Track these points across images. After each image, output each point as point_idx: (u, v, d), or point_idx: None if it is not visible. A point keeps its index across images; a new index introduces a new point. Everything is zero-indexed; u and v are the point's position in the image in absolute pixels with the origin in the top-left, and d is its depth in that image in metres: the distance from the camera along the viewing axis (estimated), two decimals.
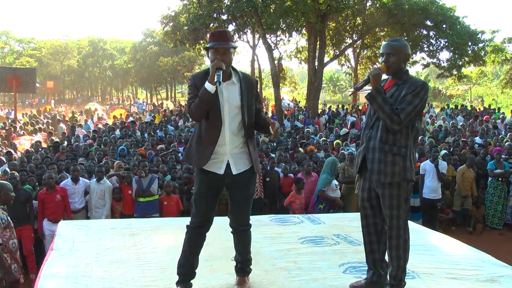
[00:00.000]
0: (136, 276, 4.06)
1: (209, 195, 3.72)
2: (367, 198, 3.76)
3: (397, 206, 3.56)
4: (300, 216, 6.49)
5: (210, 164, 3.65)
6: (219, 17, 23.31)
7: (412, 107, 3.46)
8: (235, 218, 3.82)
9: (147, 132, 15.49)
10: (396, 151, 3.54)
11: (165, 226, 5.75)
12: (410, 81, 3.58)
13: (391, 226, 3.59)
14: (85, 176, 8.80)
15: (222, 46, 3.59)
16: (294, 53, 30.80)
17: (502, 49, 25.52)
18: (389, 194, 3.57)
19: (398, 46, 3.64)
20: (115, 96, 78.55)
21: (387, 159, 3.55)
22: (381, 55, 3.72)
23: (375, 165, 3.60)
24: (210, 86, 3.47)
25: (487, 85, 54.98)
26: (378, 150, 3.59)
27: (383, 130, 3.57)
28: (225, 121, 3.61)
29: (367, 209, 3.78)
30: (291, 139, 13.37)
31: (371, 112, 3.71)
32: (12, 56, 68.83)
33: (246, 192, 3.77)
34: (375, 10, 23.97)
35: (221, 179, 3.68)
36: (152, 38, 55.91)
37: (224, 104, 3.61)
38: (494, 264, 4.59)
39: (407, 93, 3.51)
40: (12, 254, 4.93)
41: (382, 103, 3.47)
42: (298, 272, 4.25)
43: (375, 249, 3.78)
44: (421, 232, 5.87)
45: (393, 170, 3.54)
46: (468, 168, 10.27)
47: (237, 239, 3.87)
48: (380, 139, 3.58)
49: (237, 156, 3.68)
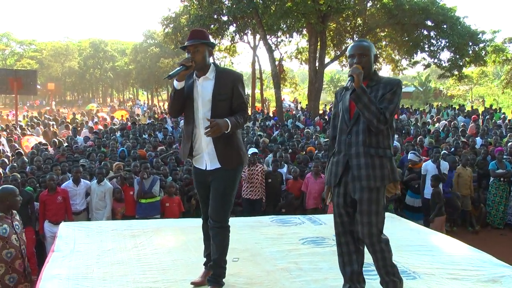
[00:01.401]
0: (137, 277, 4.07)
1: (200, 189, 3.98)
2: (343, 204, 3.60)
3: (376, 212, 3.44)
4: (301, 217, 6.50)
5: (197, 159, 3.89)
6: (220, 18, 23.31)
7: (394, 105, 3.40)
8: (210, 214, 3.82)
9: (148, 134, 15.48)
10: (382, 153, 3.46)
11: (166, 227, 5.76)
12: (384, 81, 3.52)
13: (370, 234, 3.45)
14: (87, 178, 8.81)
15: (190, 44, 3.71)
16: (295, 54, 30.77)
17: (503, 49, 25.47)
18: (367, 198, 3.43)
19: (368, 46, 3.57)
20: (116, 97, 78.59)
21: (375, 162, 3.44)
22: (351, 57, 3.57)
23: (362, 170, 3.45)
24: (176, 82, 3.68)
25: (488, 85, 54.93)
26: (363, 155, 3.45)
27: (365, 134, 3.45)
28: (198, 117, 3.74)
29: (343, 216, 3.62)
30: (293, 140, 13.27)
31: (346, 117, 3.57)
32: (13, 58, 68.86)
33: (218, 189, 3.76)
34: (375, 10, 23.93)
35: (205, 174, 3.84)
36: (153, 39, 55.86)
37: (198, 100, 3.75)
38: (495, 265, 4.59)
39: (385, 92, 3.44)
40: (8, 264, 4.91)
41: (368, 103, 3.32)
42: (299, 273, 4.26)
43: (353, 260, 3.64)
44: (422, 233, 5.88)
45: (382, 173, 3.44)
46: (464, 168, 10.24)
47: (211, 236, 3.86)
48: (364, 143, 3.45)
49: (211, 152, 3.77)
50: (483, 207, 10.49)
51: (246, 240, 5.22)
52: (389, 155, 3.48)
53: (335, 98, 3.82)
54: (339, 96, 3.74)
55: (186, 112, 3.82)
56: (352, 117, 3.53)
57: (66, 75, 69.82)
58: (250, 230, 5.63)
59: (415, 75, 56.78)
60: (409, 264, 4.51)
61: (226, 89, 3.72)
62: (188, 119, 3.82)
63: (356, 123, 3.50)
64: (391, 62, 27.75)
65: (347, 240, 3.64)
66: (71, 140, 14.35)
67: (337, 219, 3.65)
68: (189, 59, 3.69)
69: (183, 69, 3.66)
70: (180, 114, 3.93)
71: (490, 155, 11.24)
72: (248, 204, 9.22)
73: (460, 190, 10.14)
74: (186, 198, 9.06)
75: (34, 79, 25.10)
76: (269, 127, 18.25)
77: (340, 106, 3.66)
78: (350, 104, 3.54)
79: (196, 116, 3.75)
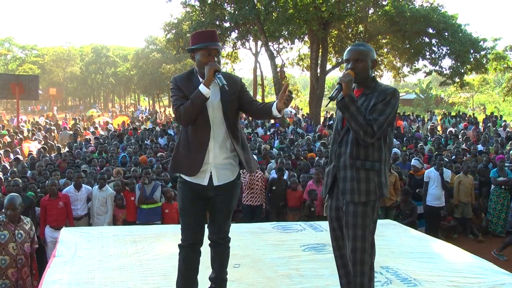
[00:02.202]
0: (138, 283, 4.07)
1: (194, 206, 3.52)
2: (335, 218, 3.44)
3: (363, 226, 3.22)
4: (302, 224, 6.50)
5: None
6: (222, 24, 23.39)
7: (384, 117, 3.15)
8: (215, 231, 3.59)
9: (149, 139, 15.49)
10: (369, 166, 3.23)
11: (167, 233, 5.76)
12: (379, 89, 3.26)
13: (354, 249, 3.24)
14: (91, 183, 8.81)
15: (215, 47, 3.39)
16: (296, 60, 30.83)
17: (504, 57, 25.52)
18: (353, 211, 3.24)
19: (365, 51, 3.32)
20: (118, 103, 78.68)
21: (360, 176, 3.23)
22: (346, 61, 3.34)
23: (347, 184, 3.26)
24: (205, 89, 3.27)
25: (489, 92, 54.98)
26: (349, 167, 3.27)
27: (353, 145, 3.25)
28: (213, 122, 3.42)
29: (336, 230, 3.46)
30: (294, 148, 13.23)
31: (338, 126, 3.39)
32: (15, 63, 69.05)
33: (228, 205, 3.53)
34: (377, 17, 24.00)
35: (204, 190, 3.47)
36: (155, 45, 56.02)
37: (209, 107, 3.41)
38: (496, 272, 4.58)
39: (377, 102, 3.20)
40: (2, 270, 4.92)
41: (356, 113, 3.11)
42: (300, 279, 4.26)
43: (349, 272, 3.43)
44: (423, 240, 5.88)
45: (367, 188, 3.22)
46: (465, 175, 10.23)
47: (214, 253, 3.63)
48: (351, 155, 3.25)
49: (221, 166, 3.47)
50: (483, 215, 10.47)
51: (247, 246, 5.22)
52: (377, 168, 3.25)
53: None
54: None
55: (197, 120, 3.39)
56: (344, 126, 3.34)
57: (67, 81, 70.01)
58: (251, 237, 5.63)
59: (417, 82, 56.88)
60: (410, 271, 4.51)
61: (231, 91, 3.40)
62: (201, 126, 3.40)
63: (346, 133, 3.31)
64: (393, 69, 27.80)
65: (341, 253, 3.49)
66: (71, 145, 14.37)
67: (331, 234, 3.53)
68: (217, 64, 3.36)
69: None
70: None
71: (491, 163, 11.23)
72: (249, 210, 9.20)
73: (461, 197, 10.12)
74: None
75: (36, 84, 25.17)
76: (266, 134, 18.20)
77: (337, 114, 3.47)
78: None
79: (212, 122, 3.42)
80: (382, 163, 3.27)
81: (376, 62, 3.42)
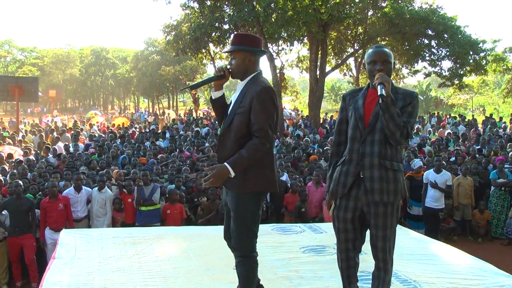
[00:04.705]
0: (137, 284, 4.07)
1: (224, 205, 3.60)
2: (351, 219, 3.38)
3: (391, 225, 3.30)
4: (302, 225, 6.49)
5: None
6: (221, 26, 23.37)
7: (414, 120, 3.24)
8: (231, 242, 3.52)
9: (150, 141, 15.47)
10: (396, 167, 3.27)
11: (167, 235, 5.76)
12: (402, 92, 3.32)
13: (383, 248, 3.31)
14: (90, 185, 8.80)
15: (227, 51, 3.49)
16: (296, 62, 30.81)
17: (503, 59, 25.52)
18: (385, 212, 3.26)
19: (390, 53, 3.36)
20: (117, 105, 78.71)
21: (389, 176, 3.24)
22: (372, 63, 3.32)
23: (375, 183, 3.24)
24: (212, 91, 3.50)
25: (489, 94, 55.00)
26: (377, 167, 3.24)
27: (381, 145, 3.24)
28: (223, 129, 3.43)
29: (349, 232, 3.41)
30: (295, 150, 13.20)
31: (360, 125, 3.31)
32: (15, 65, 69.09)
33: (233, 213, 3.41)
34: (376, 19, 24.01)
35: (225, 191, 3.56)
36: (154, 47, 56.04)
37: (228, 110, 3.45)
38: (496, 274, 4.57)
39: (405, 104, 3.23)
40: None
41: (396, 114, 3.10)
42: (300, 281, 4.26)
43: (351, 256, 3.49)
44: (423, 242, 5.89)
45: (396, 187, 3.25)
46: (465, 177, 10.23)
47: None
48: (379, 155, 3.24)
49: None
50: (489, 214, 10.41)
51: None
52: (402, 169, 3.32)
53: (343, 101, 3.53)
54: (348, 100, 3.48)
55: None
56: (367, 126, 3.30)
57: (67, 83, 70.08)
58: None
59: (416, 84, 56.83)
60: (409, 273, 4.50)
61: (246, 101, 3.30)
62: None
63: (371, 132, 3.27)
64: (392, 70, 27.77)
65: (348, 256, 3.48)
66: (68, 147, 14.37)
67: (342, 235, 3.46)
68: (221, 68, 3.43)
69: (215, 79, 3.44)
70: None
71: (491, 164, 11.22)
72: None
73: (460, 199, 10.12)
74: (189, 206, 8.97)
75: (36, 86, 25.09)
76: None
77: (351, 112, 3.40)
78: (364, 111, 3.33)
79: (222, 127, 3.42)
80: (402, 164, 3.36)
81: (394, 65, 3.45)
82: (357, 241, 3.46)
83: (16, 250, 7.53)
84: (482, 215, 10.28)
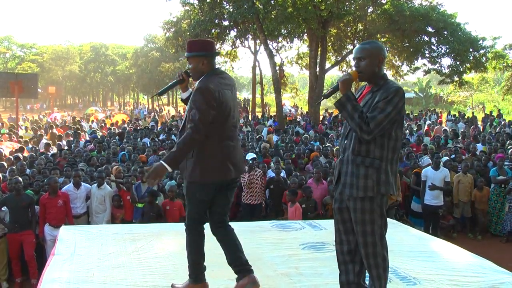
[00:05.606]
0: (137, 281, 4.06)
1: None
2: (338, 209, 3.51)
3: (370, 221, 3.30)
4: (301, 222, 6.49)
5: None
6: (221, 23, 23.35)
7: (383, 115, 3.18)
8: None
9: (150, 138, 15.46)
10: (368, 163, 3.27)
11: (167, 231, 5.76)
12: (384, 87, 3.30)
13: (365, 243, 3.33)
14: (88, 181, 8.81)
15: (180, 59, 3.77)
16: (295, 59, 30.81)
17: (503, 56, 25.51)
18: (361, 208, 3.30)
19: (369, 49, 3.35)
20: (117, 101, 78.65)
21: (359, 172, 3.29)
22: (353, 60, 3.44)
23: (347, 178, 3.34)
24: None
25: (489, 91, 55.00)
26: (350, 162, 3.34)
27: (355, 141, 3.32)
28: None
29: (339, 223, 3.53)
30: (296, 147, 13.18)
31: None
32: (14, 61, 68.97)
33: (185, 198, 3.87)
34: (376, 16, 23.98)
35: None
36: (154, 43, 55.98)
37: None
38: (495, 271, 4.58)
39: (379, 99, 3.24)
40: None
41: (352, 111, 3.22)
42: (299, 278, 4.25)
43: (349, 269, 3.53)
44: (422, 239, 5.88)
45: (365, 184, 3.27)
46: (464, 175, 10.23)
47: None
48: (353, 151, 3.32)
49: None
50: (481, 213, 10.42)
51: (246, 244, 5.16)
52: (376, 165, 3.28)
53: None
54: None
55: None
56: None
57: (66, 79, 69.97)
58: (251, 235, 5.61)
59: (416, 81, 56.80)
60: (409, 270, 4.50)
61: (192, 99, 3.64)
62: None
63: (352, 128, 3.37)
64: (392, 67, 27.80)
65: (342, 249, 3.54)
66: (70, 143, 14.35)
67: (335, 226, 3.59)
68: (180, 73, 3.80)
69: (176, 83, 3.84)
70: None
71: (491, 161, 11.21)
72: (248, 209, 9.20)
73: (460, 196, 10.12)
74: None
75: (35, 83, 25.07)
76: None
77: None
78: None
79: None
80: (383, 161, 3.30)
81: (384, 59, 3.43)
82: (349, 234, 3.49)
83: (15, 246, 7.54)
84: (482, 192, 10.21)
